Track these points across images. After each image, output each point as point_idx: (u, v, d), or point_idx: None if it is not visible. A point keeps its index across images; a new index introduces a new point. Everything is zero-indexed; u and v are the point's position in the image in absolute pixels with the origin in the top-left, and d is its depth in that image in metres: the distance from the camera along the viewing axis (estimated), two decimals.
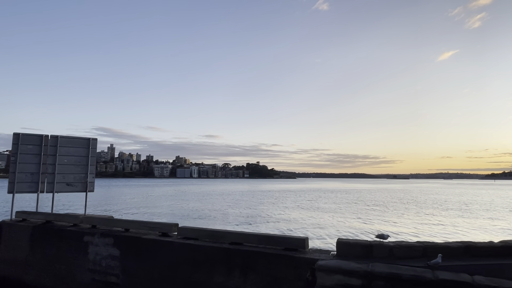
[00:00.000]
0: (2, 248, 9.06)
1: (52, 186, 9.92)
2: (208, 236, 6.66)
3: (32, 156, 9.72)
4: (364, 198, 48.41)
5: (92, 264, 7.57)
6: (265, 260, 5.71)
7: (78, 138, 10.53)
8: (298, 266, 5.39)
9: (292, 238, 5.90)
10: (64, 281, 7.93)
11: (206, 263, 6.25)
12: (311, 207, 34.22)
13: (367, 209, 31.86)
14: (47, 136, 9.99)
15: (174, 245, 6.70)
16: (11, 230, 8.99)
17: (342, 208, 33.28)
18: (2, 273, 8.94)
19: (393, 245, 5.18)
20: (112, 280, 7.26)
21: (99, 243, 7.56)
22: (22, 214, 9.52)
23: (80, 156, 10.43)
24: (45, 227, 8.57)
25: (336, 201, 42.22)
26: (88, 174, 10.46)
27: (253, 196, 51.58)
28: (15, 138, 9.50)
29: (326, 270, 4.86)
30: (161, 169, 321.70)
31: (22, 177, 9.53)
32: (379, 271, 4.53)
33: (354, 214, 27.87)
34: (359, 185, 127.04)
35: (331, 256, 5.38)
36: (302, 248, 5.70)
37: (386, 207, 34.26)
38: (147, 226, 7.55)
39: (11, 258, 8.84)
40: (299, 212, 28.71)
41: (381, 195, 58.55)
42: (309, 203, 39.51)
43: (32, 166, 9.70)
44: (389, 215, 26.97)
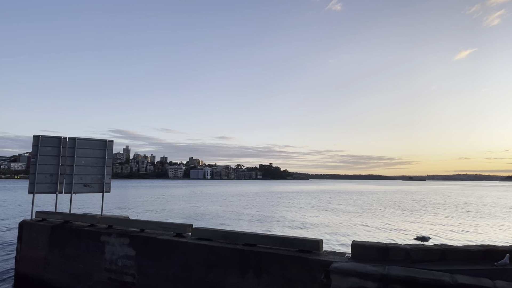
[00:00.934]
0: (23, 247, 9.34)
1: (70, 187, 10.16)
2: (222, 237, 6.68)
3: (51, 157, 9.98)
4: (379, 200, 47.63)
5: (109, 263, 7.71)
6: (279, 262, 5.68)
7: (95, 140, 10.75)
8: (313, 268, 5.34)
9: (306, 240, 5.85)
10: (81, 280, 8.10)
11: (220, 264, 6.28)
12: (325, 208, 33.90)
13: (383, 211, 31.32)
14: (65, 138, 10.25)
15: (189, 246, 6.75)
16: (32, 230, 9.26)
17: (357, 210, 32.83)
18: (23, 271, 9.21)
19: (410, 248, 5.08)
20: (128, 279, 7.38)
21: (115, 243, 7.69)
22: (41, 214, 9.78)
23: (97, 157, 10.64)
24: (63, 227, 8.78)
25: (350, 203, 41.69)
26: (104, 175, 10.67)
27: (266, 198, 51.49)
28: (35, 140, 9.78)
29: (341, 273, 4.80)
30: (175, 170, 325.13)
31: (41, 178, 9.80)
32: (395, 274, 4.44)
33: (369, 216, 27.45)
34: (374, 187, 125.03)
35: (346, 259, 5.31)
36: (317, 250, 5.65)
37: (403, 209, 33.60)
38: (162, 227, 7.63)
39: (31, 257, 9.10)
40: (313, 214, 28.49)
41: (397, 196, 57.46)
42: (323, 204, 39.15)
43: (51, 168, 9.96)
44: (406, 217, 26.43)
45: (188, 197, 52.46)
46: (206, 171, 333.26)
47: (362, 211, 31.21)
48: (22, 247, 9.36)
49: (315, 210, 31.84)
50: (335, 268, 4.89)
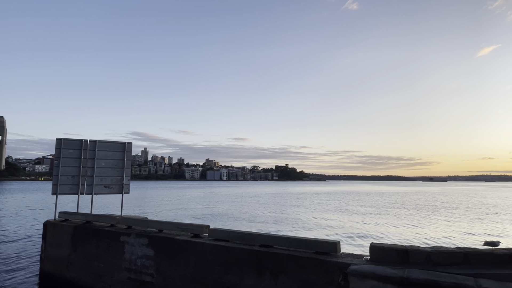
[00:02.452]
0: (47, 246, 9.67)
1: (91, 188, 10.45)
2: (238, 238, 6.70)
3: (73, 160, 10.30)
4: (398, 201, 46.59)
5: (128, 263, 7.87)
6: (296, 264, 5.65)
7: (115, 142, 11.02)
8: (330, 270, 5.28)
9: (324, 242, 5.79)
10: (102, 279, 8.31)
11: (237, 265, 6.30)
12: (342, 210, 33.46)
13: (402, 213, 30.62)
14: (86, 141, 10.56)
15: (205, 247, 6.81)
16: (55, 230, 9.58)
17: (375, 211, 32.24)
18: (48, 270, 9.53)
19: (430, 250, 4.94)
20: (147, 279, 7.51)
21: (134, 243, 7.85)
22: (64, 214, 10.10)
23: (117, 159, 10.90)
24: (85, 227, 9.04)
25: (368, 204, 40.97)
26: (124, 177, 10.92)
27: (282, 199, 51.31)
28: (58, 143, 10.12)
29: (359, 275, 4.73)
30: (192, 171, 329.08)
31: (64, 180, 10.13)
32: (415, 277, 4.33)
33: (388, 218, 26.90)
34: (393, 188, 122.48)
35: (364, 261, 5.22)
36: (334, 252, 5.58)
37: (424, 210, 32.75)
38: (179, 227, 7.73)
39: (55, 256, 9.40)
40: (329, 215, 28.17)
41: (418, 197, 56.04)
42: (340, 206, 38.66)
43: (73, 170, 10.27)
44: (427, 219, 25.74)
45: (205, 198, 52.93)
46: (222, 173, 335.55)
47: (381, 213, 30.61)
48: (46, 246, 9.69)
49: (332, 212, 31.48)
50: (353, 270, 4.82)
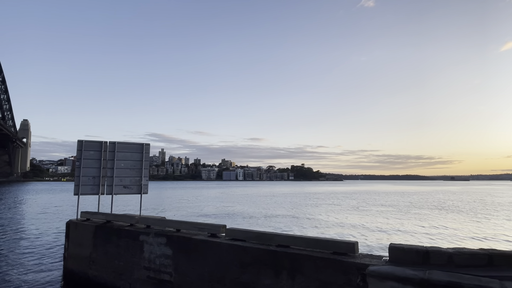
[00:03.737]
0: (70, 245, 9.98)
1: (111, 189, 10.71)
2: (255, 238, 6.71)
3: (94, 161, 10.58)
4: (418, 201, 45.47)
5: (147, 262, 8.02)
6: (313, 264, 5.61)
7: (133, 143, 11.25)
8: (348, 271, 5.21)
9: (341, 242, 5.72)
10: (122, 277, 8.50)
11: (254, 265, 6.31)
12: (360, 210, 32.96)
13: (423, 213, 29.88)
14: (106, 143, 10.83)
15: (223, 246, 6.86)
16: (77, 229, 9.87)
17: (394, 211, 31.59)
18: (71, 267, 9.84)
19: (452, 251, 4.79)
20: (165, 278, 7.63)
21: (153, 242, 8.00)
22: (86, 214, 10.40)
23: (135, 160, 11.13)
24: (105, 226, 9.27)
25: (387, 204, 40.19)
26: (142, 177, 11.13)
27: (298, 198, 51.03)
28: (79, 145, 10.43)
29: (378, 276, 4.65)
30: (208, 172, 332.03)
31: (85, 180, 10.43)
32: (437, 279, 4.22)
33: (407, 218, 26.31)
34: (412, 187, 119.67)
35: (383, 262, 5.12)
36: (352, 252, 5.51)
37: (446, 211, 31.85)
38: (196, 227, 7.82)
39: (77, 254, 9.69)
40: (347, 215, 27.80)
41: (439, 197, 54.53)
42: (357, 205, 38.09)
43: (93, 170, 10.56)
44: (448, 220, 25.03)
45: (221, 198, 53.29)
46: (238, 173, 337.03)
47: (400, 213, 29.97)
48: (69, 245, 10.01)
49: (349, 212, 31.06)
50: (371, 271, 4.74)
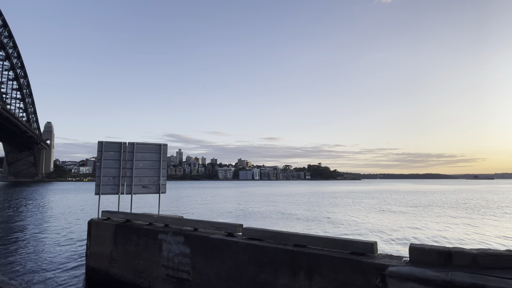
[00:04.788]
0: (91, 243, 10.27)
1: (130, 188, 10.95)
2: (272, 237, 6.70)
3: (113, 161, 10.85)
4: (439, 200, 44.21)
5: (166, 260, 8.15)
6: (331, 264, 5.55)
7: (151, 144, 11.46)
8: (367, 271, 5.12)
9: (360, 242, 5.63)
10: (142, 275, 8.67)
11: (271, 264, 6.30)
12: (378, 209, 32.36)
13: (444, 212, 29.04)
14: (125, 143, 11.08)
15: (239, 245, 6.88)
16: (98, 228, 10.14)
17: (413, 211, 30.84)
18: (92, 265, 10.12)
19: (477, 252, 4.61)
20: (183, 276, 7.73)
21: (171, 241, 8.12)
22: (106, 213, 10.67)
23: (153, 160, 11.33)
24: (125, 225, 9.48)
25: (406, 203, 39.27)
26: (160, 177, 11.32)
27: (315, 198, 50.61)
28: (99, 146, 10.71)
29: (398, 277, 4.54)
30: (225, 171, 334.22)
31: (105, 181, 10.70)
32: (460, 281, 4.08)
33: (428, 217, 25.62)
34: (433, 186, 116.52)
35: (403, 263, 5.00)
36: (371, 252, 5.41)
37: (469, 210, 30.83)
38: (214, 226, 7.88)
39: (99, 252, 9.96)
40: (365, 215, 27.36)
41: (461, 196, 52.83)
42: (376, 205, 37.41)
43: (113, 171, 10.82)
44: (472, 219, 24.21)
45: (237, 197, 53.53)
46: (254, 172, 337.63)
47: (420, 212, 29.23)
48: (91, 243, 10.29)
49: (368, 211, 30.54)
50: (391, 272, 4.64)
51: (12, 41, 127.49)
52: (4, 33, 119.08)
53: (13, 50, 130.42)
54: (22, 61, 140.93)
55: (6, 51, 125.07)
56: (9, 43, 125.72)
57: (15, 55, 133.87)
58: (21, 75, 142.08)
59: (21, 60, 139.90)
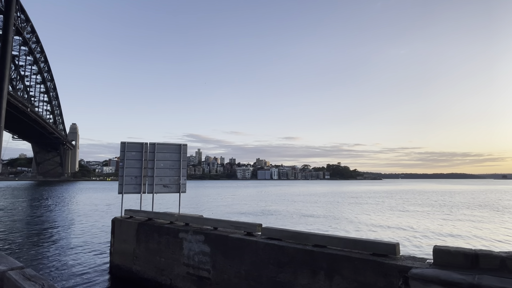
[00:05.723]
0: (115, 241, 10.58)
1: (152, 188, 11.20)
2: (291, 237, 6.69)
3: (135, 161, 11.13)
4: (465, 201, 42.64)
5: (187, 258, 8.29)
6: (351, 265, 5.48)
7: (171, 144, 11.67)
8: (389, 273, 5.03)
9: (381, 243, 5.53)
10: (164, 272, 8.86)
11: (290, 264, 6.29)
12: (400, 210, 31.58)
13: (469, 213, 27.99)
14: (146, 144, 11.34)
15: (259, 245, 6.91)
16: (122, 226, 10.44)
17: (436, 211, 29.90)
18: (116, 262, 10.43)
19: (506, 255, 4.43)
20: (204, 274, 7.84)
21: (192, 240, 8.25)
22: (129, 212, 10.96)
23: (174, 160, 11.54)
24: (147, 223, 9.71)
25: (430, 204, 38.12)
26: (180, 177, 11.51)
27: (335, 198, 49.98)
28: (122, 146, 11.02)
29: (422, 280, 4.43)
30: (243, 171, 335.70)
31: (128, 180, 10.99)
32: (488, 284, 3.93)
33: (452, 218, 24.78)
34: (458, 186, 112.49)
35: (427, 265, 4.88)
36: (393, 254, 5.31)
37: (497, 211, 29.56)
38: (233, 225, 7.95)
39: (122, 250, 10.25)
40: (386, 215, 26.77)
41: (489, 196, 50.73)
42: (397, 205, 36.52)
43: (135, 170, 11.10)
44: (500, 221, 23.21)
45: (256, 197, 53.63)
46: (272, 172, 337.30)
47: (444, 213, 28.30)
48: (114, 241, 10.61)
49: (389, 211, 29.87)
50: (414, 274, 4.54)
51: (39, 46, 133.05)
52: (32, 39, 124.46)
53: (40, 55, 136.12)
54: (48, 65, 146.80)
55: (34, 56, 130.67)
56: (37, 48, 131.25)
57: (42, 59, 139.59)
58: (47, 78, 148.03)
59: (47, 64, 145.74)
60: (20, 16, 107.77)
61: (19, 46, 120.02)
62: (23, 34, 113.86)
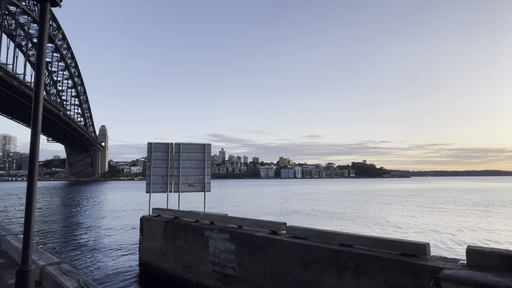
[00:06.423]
0: (144, 239, 10.91)
1: (177, 187, 11.45)
2: (316, 236, 6.63)
3: (162, 161, 11.42)
4: (500, 199, 40.45)
5: (212, 256, 8.42)
6: (380, 265, 5.36)
7: (196, 144, 11.87)
8: (419, 274, 4.88)
9: (411, 243, 5.37)
10: (190, 270, 9.04)
11: (316, 263, 6.24)
12: (429, 208, 30.45)
13: (505, 212, 26.53)
14: (172, 144, 11.61)
15: (283, 244, 6.90)
16: (150, 224, 10.75)
17: (469, 210, 28.57)
18: (145, 259, 10.76)
19: None
20: (229, 272, 7.93)
21: (217, 238, 8.36)
22: (156, 210, 11.27)
23: (198, 160, 11.73)
24: (174, 222, 9.94)
25: (463, 202, 36.48)
26: (205, 176, 11.69)
27: (361, 196, 48.94)
28: (149, 146, 11.34)
29: (455, 281, 4.27)
30: (266, 170, 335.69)
31: (155, 180, 11.30)
32: None
33: (485, 218, 23.59)
34: (493, 184, 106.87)
35: (459, 266, 4.69)
36: (423, 254, 5.14)
37: None
38: (257, 224, 7.98)
39: (150, 247, 10.56)
40: (414, 214, 25.90)
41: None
42: (426, 204, 35.23)
43: (162, 170, 11.40)
44: None
45: (280, 195, 53.52)
46: (296, 170, 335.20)
47: (476, 213, 27.00)
48: (143, 239, 10.95)
49: (417, 210, 28.88)
50: (446, 275, 4.37)
51: (70, 52, 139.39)
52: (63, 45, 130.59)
53: (71, 61, 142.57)
54: (78, 70, 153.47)
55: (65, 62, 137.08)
56: (68, 54, 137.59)
57: (73, 64, 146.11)
58: (78, 82, 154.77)
59: (78, 69, 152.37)
60: (52, 24, 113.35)
61: (51, 53, 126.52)
62: (55, 42, 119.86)
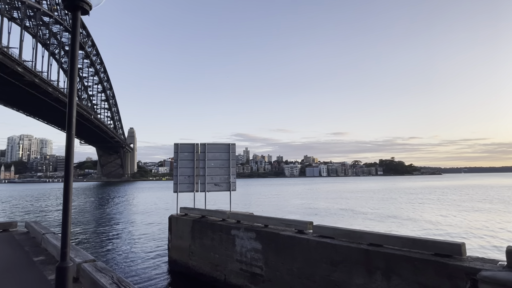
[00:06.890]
0: (172, 238, 11.18)
1: (204, 186, 11.64)
2: (344, 236, 6.51)
3: (188, 161, 11.65)
4: None
5: (239, 255, 8.48)
6: (412, 265, 5.18)
7: (220, 144, 12.01)
8: (454, 275, 4.67)
9: (445, 243, 5.15)
10: (218, 268, 9.16)
11: (344, 263, 6.13)
12: (463, 207, 29.08)
13: None
14: (197, 144, 11.81)
15: (310, 243, 6.83)
16: (178, 223, 10.99)
17: (507, 209, 26.99)
18: (174, 257, 11.02)
19: None
20: (256, 271, 7.96)
21: (243, 237, 8.42)
22: (184, 209, 11.50)
23: (223, 159, 11.87)
24: (201, 221, 10.11)
25: (500, 200, 34.52)
26: (230, 175, 11.80)
27: (389, 194, 47.55)
28: (175, 147, 11.60)
29: (494, 283, 4.05)
30: (291, 168, 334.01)
31: (182, 179, 11.54)
32: None
33: None
34: None
35: (498, 267, 4.44)
36: (458, 254, 4.91)
37: None
38: (284, 223, 7.95)
39: (178, 246, 10.80)
40: (447, 213, 24.82)
41: None
42: (460, 202, 33.66)
43: (188, 170, 11.62)
44: None
45: (305, 194, 53.06)
46: (321, 169, 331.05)
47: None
48: (172, 237, 11.22)
49: (451, 209, 27.66)
50: (485, 277, 4.15)
51: (99, 58, 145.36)
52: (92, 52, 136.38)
53: (100, 66, 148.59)
54: (107, 75, 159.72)
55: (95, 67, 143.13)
56: (97, 60, 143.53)
57: (102, 70, 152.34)
58: (107, 87, 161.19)
59: (106, 74, 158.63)
60: (82, 32, 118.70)
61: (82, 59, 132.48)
62: (85, 48, 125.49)
